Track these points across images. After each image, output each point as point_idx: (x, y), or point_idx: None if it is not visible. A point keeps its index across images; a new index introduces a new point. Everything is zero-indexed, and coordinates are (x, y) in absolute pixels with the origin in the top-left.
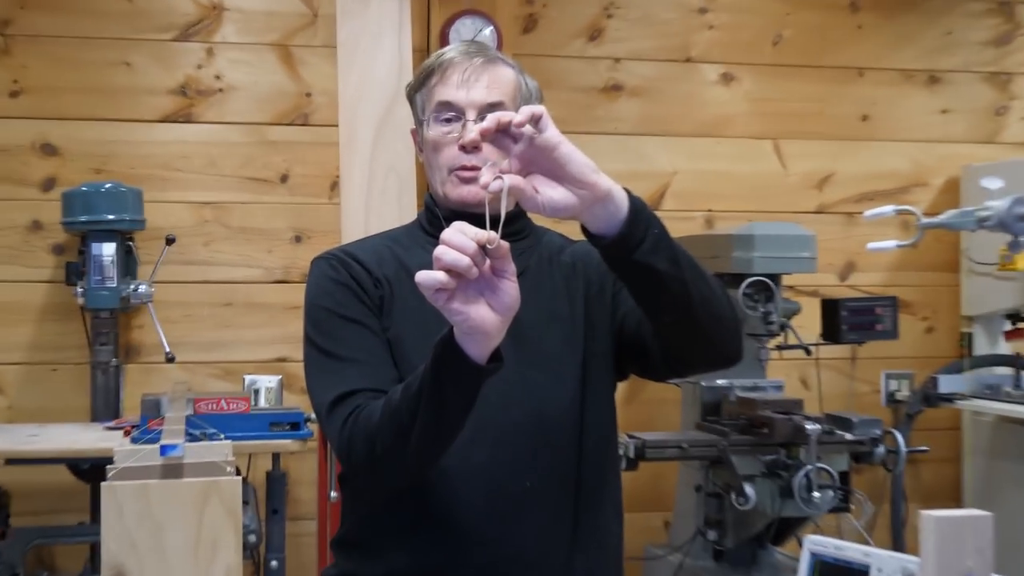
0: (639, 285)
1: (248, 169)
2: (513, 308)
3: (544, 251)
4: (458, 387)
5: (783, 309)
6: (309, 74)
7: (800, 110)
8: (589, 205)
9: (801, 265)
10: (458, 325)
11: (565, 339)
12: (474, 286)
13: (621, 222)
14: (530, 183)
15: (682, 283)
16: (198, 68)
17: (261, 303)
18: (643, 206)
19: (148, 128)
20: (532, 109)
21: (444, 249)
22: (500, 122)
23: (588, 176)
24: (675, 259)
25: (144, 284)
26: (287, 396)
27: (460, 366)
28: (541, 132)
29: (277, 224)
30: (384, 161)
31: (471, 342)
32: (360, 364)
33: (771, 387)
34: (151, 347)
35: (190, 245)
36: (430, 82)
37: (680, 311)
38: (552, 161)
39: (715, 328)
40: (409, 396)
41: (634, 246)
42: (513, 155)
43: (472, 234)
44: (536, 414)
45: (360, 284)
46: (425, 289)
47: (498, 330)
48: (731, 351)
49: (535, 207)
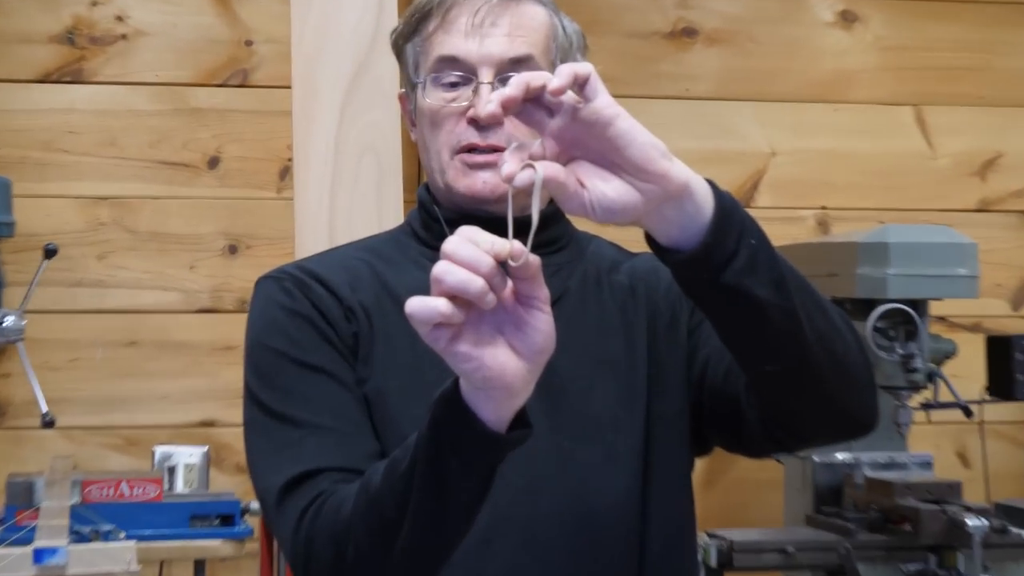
0: (729, 319)
1: (162, 149)
2: (546, 351)
3: (590, 268)
4: (466, 465)
5: (931, 351)
6: (248, 14)
7: (953, 63)
8: (657, 204)
9: (957, 287)
10: (467, 376)
11: (620, 395)
12: (490, 320)
13: (703, 229)
14: (572, 174)
15: (791, 316)
16: (92, 5)
17: (180, 342)
18: (734, 205)
19: (20, 91)
20: (575, 68)
21: (447, 267)
22: (530, 87)
23: (656, 163)
24: (780, 281)
25: (12, 315)
26: (216, 476)
27: (469, 434)
28: (588, 101)
29: (203, 228)
30: (356, 138)
31: (485, 400)
32: (324, 432)
33: (915, 464)
34: (21, 406)
35: (79, 258)
36: (426, 28)
37: (788, 357)
38: (604, 142)
39: (839, 381)
40: (395, 479)
41: (722, 263)
42: (548, 134)
43: (488, 245)
44: (578, 504)
45: (325, 315)
46: (420, 324)
47: (524, 383)
48: (862, 415)
49: (580, 207)
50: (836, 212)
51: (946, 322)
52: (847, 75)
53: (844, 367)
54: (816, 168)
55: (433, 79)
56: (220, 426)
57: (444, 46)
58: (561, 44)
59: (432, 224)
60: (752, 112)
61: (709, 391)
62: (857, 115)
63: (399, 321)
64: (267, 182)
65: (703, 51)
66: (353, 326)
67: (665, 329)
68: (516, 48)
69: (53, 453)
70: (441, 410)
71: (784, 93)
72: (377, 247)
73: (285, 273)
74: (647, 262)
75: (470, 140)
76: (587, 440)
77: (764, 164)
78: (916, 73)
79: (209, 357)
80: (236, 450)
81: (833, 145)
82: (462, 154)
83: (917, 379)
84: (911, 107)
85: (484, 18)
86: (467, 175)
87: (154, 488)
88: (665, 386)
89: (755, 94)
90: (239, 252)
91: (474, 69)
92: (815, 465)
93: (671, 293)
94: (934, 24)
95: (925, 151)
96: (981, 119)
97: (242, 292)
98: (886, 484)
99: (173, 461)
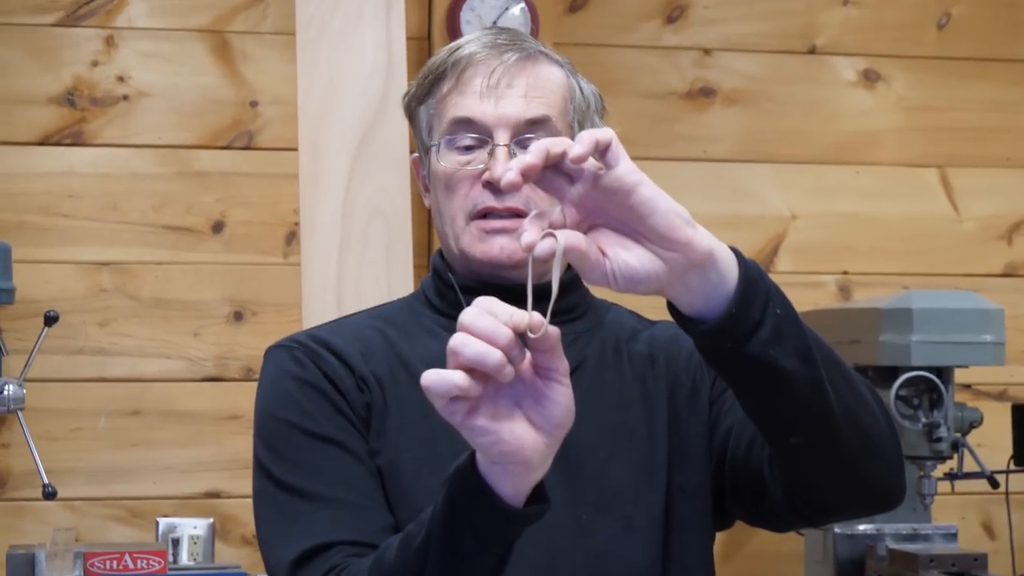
0: (753, 390)
1: (165, 214)
2: (565, 425)
3: (608, 337)
4: (483, 541)
5: (956, 420)
6: (255, 74)
7: (978, 123)
8: (680, 273)
9: (983, 354)
10: (484, 450)
11: (639, 467)
12: (508, 393)
13: (727, 298)
14: (593, 242)
15: (817, 388)
16: (93, 66)
17: (184, 411)
18: (760, 274)
19: (19, 154)
20: (596, 134)
21: (464, 338)
22: (550, 154)
23: (680, 231)
24: (807, 352)
25: (12, 383)
26: (222, 549)
27: (486, 510)
28: (610, 168)
29: (208, 294)
30: (364, 202)
31: (503, 475)
32: (337, 504)
33: (939, 535)
34: (21, 477)
35: (80, 326)
36: (440, 89)
37: (814, 429)
38: (626, 210)
39: (866, 454)
40: (410, 554)
41: (747, 334)
42: (568, 201)
43: (506, 316)
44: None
45: (336, 385)
46: (436, 397)
47: (542, 457)
48: (889, 489)
49: (601, 277)
50: (858, 277)
51: (971, 390)
52: (869, 136)
53: (871, 440)
54: (838, 232)
55: (447, 142)
56: (226, 497)
57: (459, 108)
58: (579, 105)
59: (447, 292)
60: (772, 174)
61: (731, 463)
62: (880, 177)
63: (413, 392)
64: (273, 247)
65: (721, 112)
66: (366, 396)
67: (686, 400)
68: (533, 109)
69: (54, 525)
70: (457, 484)
71: (805, 155)
72: (390, 315)
73: (296, 342)
74: (667, 331)
75: (486, 204)
76: (605, 513)
77: (784, 228)
78: (941, 134)
79: (214, 426)
80: (242, 522)
81: (855, 208)
82: (478, 220)
83: (942, 449)
84: (936, 169)
85: (500, 79)
86: (483, 241)
87: (158, 561)
88: (686, 458)
89: (775, 156)
90: (244, 319)
91: (490, 131)
92: (836, 537)
93: (692, 362)
94: (959, 83)
95: (950, 214)
96: (1008, 181)
97: (248, 360)
98: (910, 556)
99: (177, 533)
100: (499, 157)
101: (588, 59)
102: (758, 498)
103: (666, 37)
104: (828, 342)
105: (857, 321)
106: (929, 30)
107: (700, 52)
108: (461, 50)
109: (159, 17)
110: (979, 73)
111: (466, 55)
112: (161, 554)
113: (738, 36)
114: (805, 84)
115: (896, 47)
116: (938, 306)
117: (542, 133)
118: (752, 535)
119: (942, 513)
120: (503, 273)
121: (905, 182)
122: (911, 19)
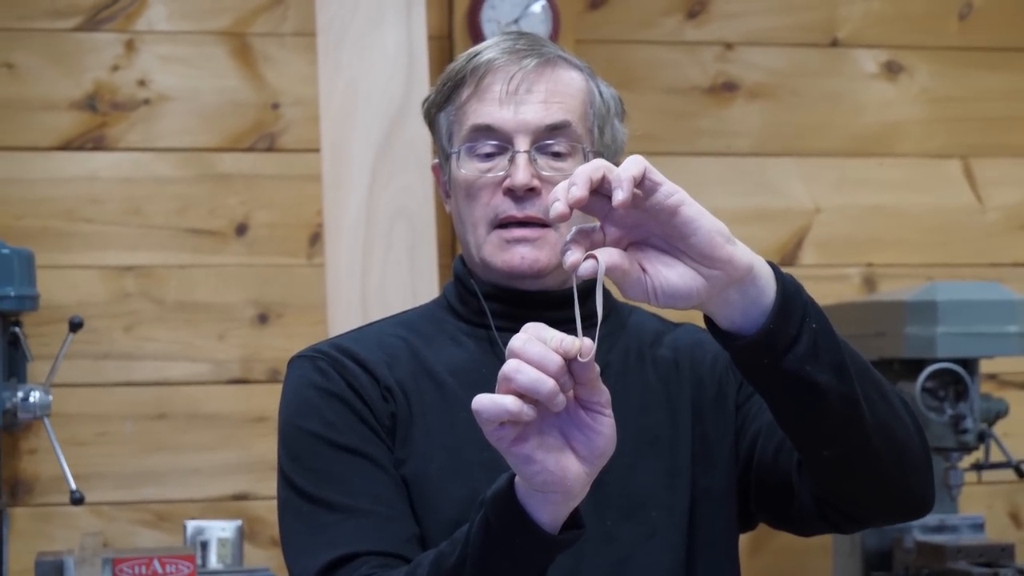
0: (788, 403)
1: (188, 217)
2: (607, 455)
3: (631, 341)
4: (518, 565)
5: (982, 411)
6: (275, 76)
7: (1002, 113)
8: (720, 290)
9: (1008, 345)
10: (528, 478)
11: (663, 472)
12: (554, 422)
13: (765, 312)
14: (634, 260)
15: (851, 402)
16: (114, 70)
17: (210, 414)
18: (797, 288)
19: (40, 160)
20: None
21: (519, 365)
22: (593, 180)
23: (721, 249)
24: (842, 366)
25: (38, 390)
26: (250, 551)
27: (524, 537)
28: (650, 194)
29: (232, 297)
30: (388, 202)
31: (542, 503)
32: (362, 515)
33: (966, 526)
34: (49, 483)
35: (105, 330)
36: (460, 96)
37: (847, 442)
38: (668, 228)
39: (898, 466)
40: (442, 573)
41: (784, 348)
42: (609, 221)
43: (556, 343)
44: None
45: (360, 395)
46: (486, 422)
47: (583, 487)
48: (919, 497)
49: (642, 294)
50: (883, 269)
51: (997, 380)
52: (893, 128)
53: (903, 451)
54: (862, 224)
55: (468, 149)
56: (253, 499)
57: (478, 115)
58: (598, 110)
59: (469, 298)
60: (795, 168)
61: (758, 467)
62: (903, 169)
63: (437, 400)
64: (297, 249)
65: (744, 106)
66: (391, 406)
67: (711, 403)
68: (553, 115)
69: (82, 530)
70: (495, 509)
71: (828, 148)
72: (413, 322)
73: (319, 352)
74: (691, 334)
75: (508, 212)
76: (629, 518)
77: (808, 221)
78: (964, 125)
79: (240, 429)
80: (270, 523)
81: (879, 200)
82: (499, 229)
83: (968, 440)
84: (959, 160)
85: (519, 85)
86: (504, 250)
87: (187, 565)
88: (711, 462)
89: (798, 149)
90: (269, 321)
91: (510, 138)
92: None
93: (718, 366)
94: (982, 74)
95: (974, 205)
96: None
97: (273, 362)
98: (937, 548)
99: (206, 536)
100: (520, 164)
101: (610, 55)
102: (785, 503)
103: (688, 32)
104: (852, 335)
105: (882, 314)
106: (951, 21)
107: (722, 46)
108: (480, 56)
109: (179, 20)
110: (1002, 63)
111: (485, 61)
112: (189, 558)
113: (760, 30)
114: (828, 77)
115: (918, 38)
116: (963, 297)
117: (562, 139)
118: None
119: (969, 504)
120: (522, 283)
121: (929, 173)
122: (933, 10)
